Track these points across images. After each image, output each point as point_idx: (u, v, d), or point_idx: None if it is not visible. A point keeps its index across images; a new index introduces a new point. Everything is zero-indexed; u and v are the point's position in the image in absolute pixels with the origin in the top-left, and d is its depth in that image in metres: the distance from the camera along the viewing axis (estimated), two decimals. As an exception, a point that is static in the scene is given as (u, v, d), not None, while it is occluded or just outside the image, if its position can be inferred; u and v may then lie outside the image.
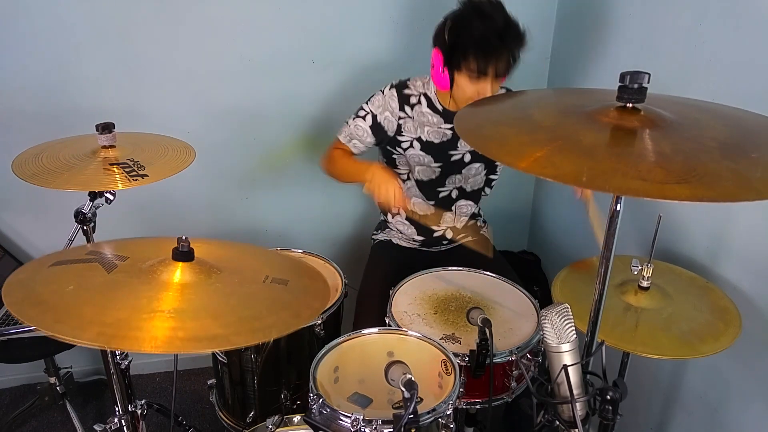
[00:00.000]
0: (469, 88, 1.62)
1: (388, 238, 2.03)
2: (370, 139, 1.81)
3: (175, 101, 2.07)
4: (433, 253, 2.01)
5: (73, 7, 1.88)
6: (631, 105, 0.99)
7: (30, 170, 1.32)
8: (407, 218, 1.97)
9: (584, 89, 1.30)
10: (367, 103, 1.80)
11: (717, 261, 1.51)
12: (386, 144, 1.86)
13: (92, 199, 1.39)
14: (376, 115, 1.78)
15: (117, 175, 1.32)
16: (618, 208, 1.02)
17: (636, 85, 0.97)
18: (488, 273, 1.73)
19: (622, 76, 0.98)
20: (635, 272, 1.40)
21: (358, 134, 1.81)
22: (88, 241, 1.40)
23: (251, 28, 2.04)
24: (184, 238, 1.05)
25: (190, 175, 1.45)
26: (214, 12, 1.99)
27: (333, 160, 1.83)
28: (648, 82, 0.98)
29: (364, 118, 1.79)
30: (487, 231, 2.10)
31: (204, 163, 1.65)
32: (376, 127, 1.79)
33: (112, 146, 1.42)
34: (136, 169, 1.35)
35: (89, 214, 1.38)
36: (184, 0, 1.95)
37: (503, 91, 1.86)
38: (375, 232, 2.09)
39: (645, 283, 1.40)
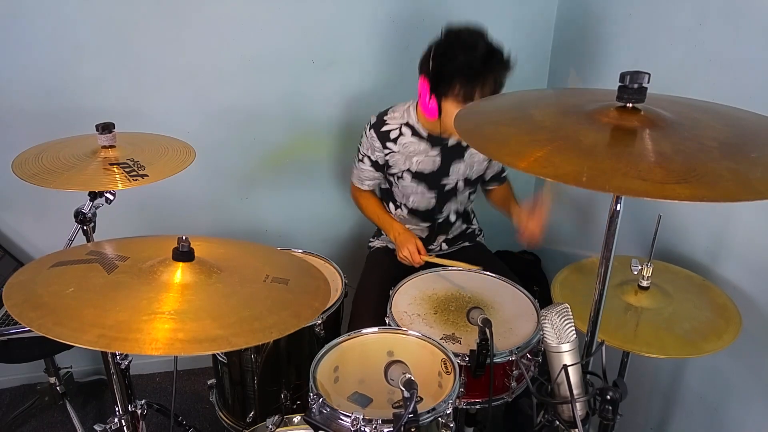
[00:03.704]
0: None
1: (384, 244, 2.03)
2: (377, 174, 1.91)
3: (175, 101, 2.07)
4: None
5: (73, 7, 1.88)
6: (631, 105, 0.99)
7: (30, 170, 1.32)
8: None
9: (584, 89, 1.30)
10: (359, 147, 1.89)
11: (717, 261, 1.51)
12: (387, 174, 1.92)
13: (92, 199, 1.38)
14: (369, 156, 1.87)
15: (117, 175, 1.32)
16: (618, 208, 1.02)
17: (636, 85, 0.97)
18: (488, 273, 1.73)
19: (622, 76, 0.98)
20: (635, 272, 1.40)
21: (366, 176, 1.93)
22: (88, 241, 1.40)
23: (251, 28, 2.03)
24: (184, 237, 1.05)
25: (190, 175, 1.45)
26: (214, 12, 1.99)
27: (362, 207, 2.01)
28: (648, 82, 0.98)
29: (362, 161, 1.89)
30: (483, 238, 2.11)
31: (204, 163, 1.65)
32: (376, 165, 1.88)
33: (112, 146, 1.42)
34: (136, 169, 1.35)
35: (89, 214, 1.38)
36: (184, 0, 1.95)
37: None
38: (371, 240, 2.10)
39: (645, 283, 1.40)
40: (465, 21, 1.64)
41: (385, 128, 1.81)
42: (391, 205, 1.98)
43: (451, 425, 1.23)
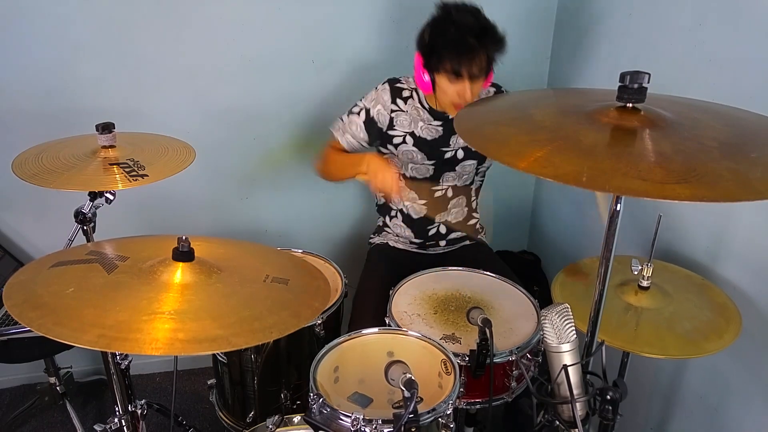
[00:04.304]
0: (449, 89, 1.65)
1: (385, 241, 2.03)
2: (363, 134, 1.85)
3: (175, 101, 2.07)
4: (431, 256, 2.02)
5: (73, 7, 1.88)
6: (631, 105, 0.99)
7: (30, 170, 1.32)
8: (404, 220, 1.98)
9: (584, 89, 1.30)
10: (361, 99, 1.85)
11: (717, 261, 1.51)
12: (379, 142, 1.88)
13: (92, 199, 1.39)
14: (369, 109, 1.82)
15: (117, 175, 1.32)
16: (618, 208, 1.03)
17: (636, 85, 0.97)
18: (488, 273, 1.73)
19: (622, 76, 0.98)
20: (635, 272, 1.40)
21: (352, 129, 1.85)
22: (88, 241, 1.40)
23: (251, 28, 2.04)
24: (184, 237, 1.05)
25: (190, 175, 1.45)
26: (214, 12, 1.99)
27: (326, 158, 1.88)
28: (648, 82, 0.98)
29: (358, 113, 1.84)
30: (485, 235, 2.11)
31: (204, 163, 1.65)
32: (369, 122, 1.83)
33: (112, 146, 1.42)
34: (136, 169, 1.35)
35: (89, 214, 1.38)
36: (184, 0, 1.95)
37: (491, 91, 1.87)
38: (372, 236, 2.10)
39: (645, 283, 1.40)
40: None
41: (399, 85, 1.82)
42: None
43: (451, 425, 1.23)
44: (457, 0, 1.65)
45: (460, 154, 1.88)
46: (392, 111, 1.82)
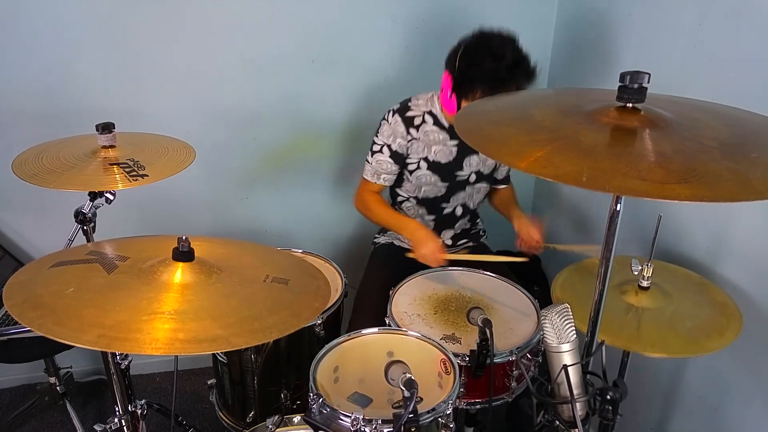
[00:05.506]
0: None
1: (390, 241, 2.03)
2: (394, 167, 1.85)
3: (175, 101, 2.07)
4: None
5: (73, 7, 1.88)
6: (631, 105, 0.99)
7: (30, 170, 1.32)
8: None
9: (584, 89, 1.30)
10: (377, 135, 1.84)
11: (717, 261, 1.51)
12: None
13: (92, 199, 1.39)
14: (390, 145, 1.82)
15: (117, 175, 1.32)
16: (618, 208, 1.03)
17: (636, 85, 0.97)
18: (488, 273, 1.73)
19: (622, 76, 0.98)
20: (635, 272, 1.40)
21: (383, 168, 1.84)
22: (88, 241, 1.40)
23: (251, 28, 2.04)
24: (184, 237, 1.05)
25: (190, 175, 1.45)
26: (214, 12, 1.99)
27: (370, 209, 1.89)
28: (648, 82, 0.98)
29: (381, 151, 1.82)
30: (486, 239, 2.11)
31: (204, 163, 1.65)
32: (395, 156, 1.83)
33: (112, 146, 1.42)
34: (136, 169, 1.35)
35: (89, 214, 1.38)
36: (184, 0, 1.95)
37: None
38: (376, 236, 2.10)
39: (645, 283, 1.40)
40: (498, 27, 1.65)
41: (409, 114, 1.80)
42: (398, 200, 1.97)
43: (451, 425, 1.23)
44: (493, 28, 1.64)
45: (473, 178, 1.89)
46: (408, 141, 1.82)
